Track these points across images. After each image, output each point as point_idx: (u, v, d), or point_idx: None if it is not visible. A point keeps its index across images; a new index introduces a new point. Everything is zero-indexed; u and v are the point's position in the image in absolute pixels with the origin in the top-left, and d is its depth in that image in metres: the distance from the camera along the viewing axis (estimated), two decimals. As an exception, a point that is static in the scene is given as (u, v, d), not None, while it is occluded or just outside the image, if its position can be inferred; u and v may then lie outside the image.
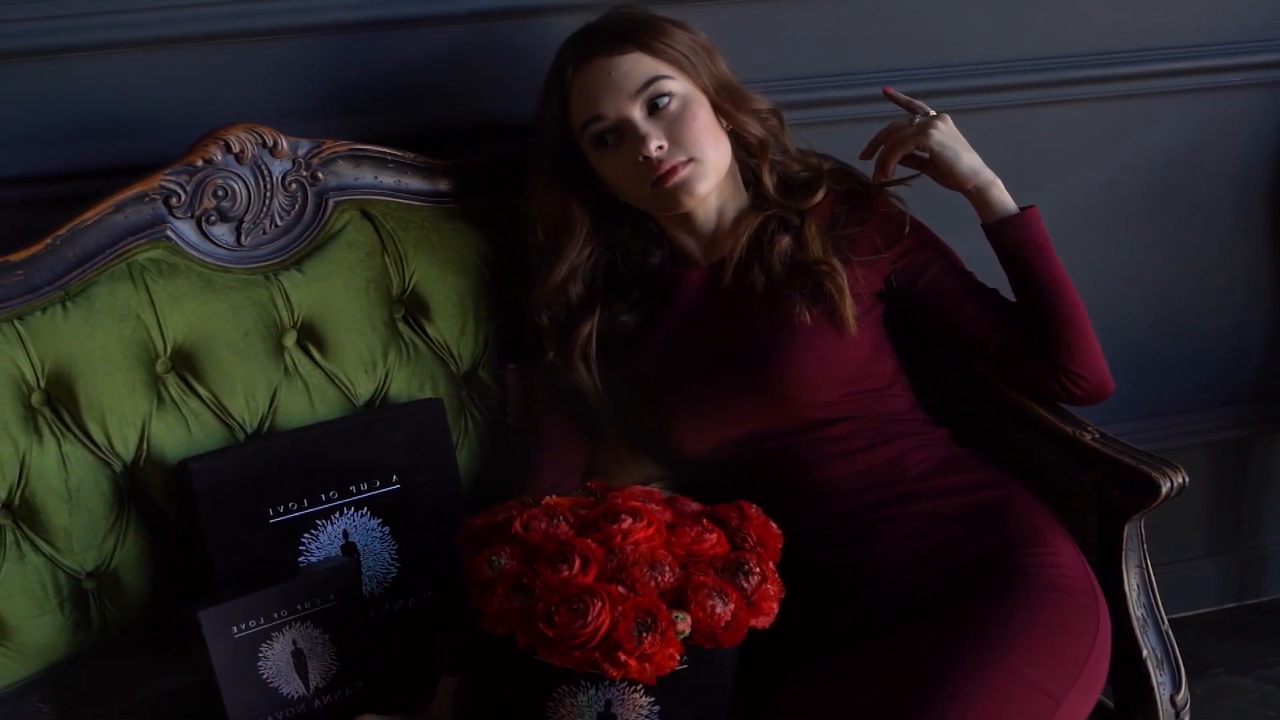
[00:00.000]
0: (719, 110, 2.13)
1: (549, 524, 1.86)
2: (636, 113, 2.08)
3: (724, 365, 2.12)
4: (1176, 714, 2.11)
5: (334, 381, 2.21)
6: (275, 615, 2.00)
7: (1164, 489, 2.02)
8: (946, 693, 1.83)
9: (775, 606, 1.86)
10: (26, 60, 2.21)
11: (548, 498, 1.93)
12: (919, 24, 2.65)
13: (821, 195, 2.17)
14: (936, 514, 2.07)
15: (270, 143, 2.17)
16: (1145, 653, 2.08)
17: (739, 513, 1.93)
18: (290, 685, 2.02)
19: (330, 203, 2.23)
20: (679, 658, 1.77)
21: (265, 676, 2.00)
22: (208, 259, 2.16)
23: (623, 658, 1.73)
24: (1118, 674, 2.06)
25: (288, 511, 2.11)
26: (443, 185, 2.31)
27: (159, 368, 2.11)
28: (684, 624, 1.77)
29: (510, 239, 2.30)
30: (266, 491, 2.09)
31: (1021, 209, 2.14)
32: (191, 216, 2.14)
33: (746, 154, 2.18)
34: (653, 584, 1.79)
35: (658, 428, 2.17)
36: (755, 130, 2.16)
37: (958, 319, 2.18)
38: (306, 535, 2.12)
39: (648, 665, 1.74)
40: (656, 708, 1.82)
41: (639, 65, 2.09)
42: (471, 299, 2.29)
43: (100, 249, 2.09)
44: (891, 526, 2.06)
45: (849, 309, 2.10)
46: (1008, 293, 2.20)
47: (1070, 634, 1.96)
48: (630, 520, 1.85)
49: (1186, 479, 2.04)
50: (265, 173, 2.17)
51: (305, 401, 2.19)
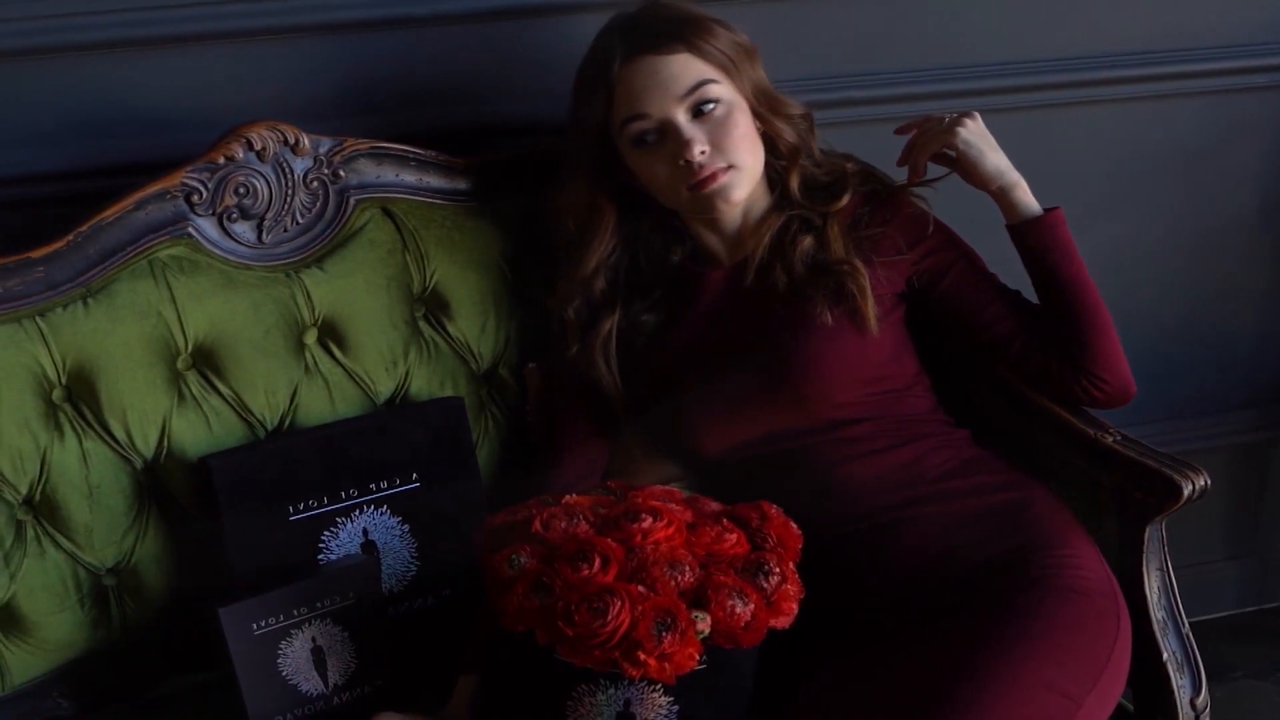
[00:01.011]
0: (756, 115, 2.13)
1: (569, 523, 1.86)
2: (681, 115, 2.07)
3: (745, 365, 2.12)
4: (1196, 717, 2.10)
5: (354, 379, 2.22)
6: (295, 613, 2.01)
7: (1186, 491, 2.01)
8: (966, 693, 1.82)
9: (795, 607, 1.86)
10: (49, 58, 2.22)
11: (568, 497, 1.93)
12: (941, 25, 2.64)
13: (846, 199, 2.17)
14: (957, 515, 2.06)
15: (292, 140, 2.17)
16: (1165, 655, 2.07)
17: (759, 513, 1.92)
18: (309, 683, 2.02)
19: (351, 201, 2.23)
20: (698, 657, 1.77)
21: (285, 674, 2.00)
22: (229, 256, 2.16)
23: (642, 657, 1.73)
24: (1138, 676, 2.05)
25: (308, 509, 2.11)
26: (464, 184, 2.31)
27: (180, 365, 2.12)
28: (704, 624, 1.77)
29: (531, 238, 2.31)
30: (287, 489, 2.10)
31: (1046, 210, 2.14)
32: (213, 214, 2.14)
33: (774, 156, 2.17)
34: (673, 583, 1.79)
35: (678, 428, 2.17)
36: (789, 136, 2.16)
37: (979, 320, 2.17)
38: (326, 533, 2.12)
39: (667, 665, 1.74)
40: (676, 707, 1.82)
41: (688, 68, 2.08)
42: (492, 297, 2.30)
43: (122, 246, 2.09)
44: (912, 527, 2.05)
45: (871, 309, 2.09)
46: (1030, 294, 2.19)
47: (1091, 636, 1.95)
48: (650, 519, 1.84)
49: (1208, 481, 2.03)
50: (287, 170, 2.17)
51: (326, 399, 2.20)
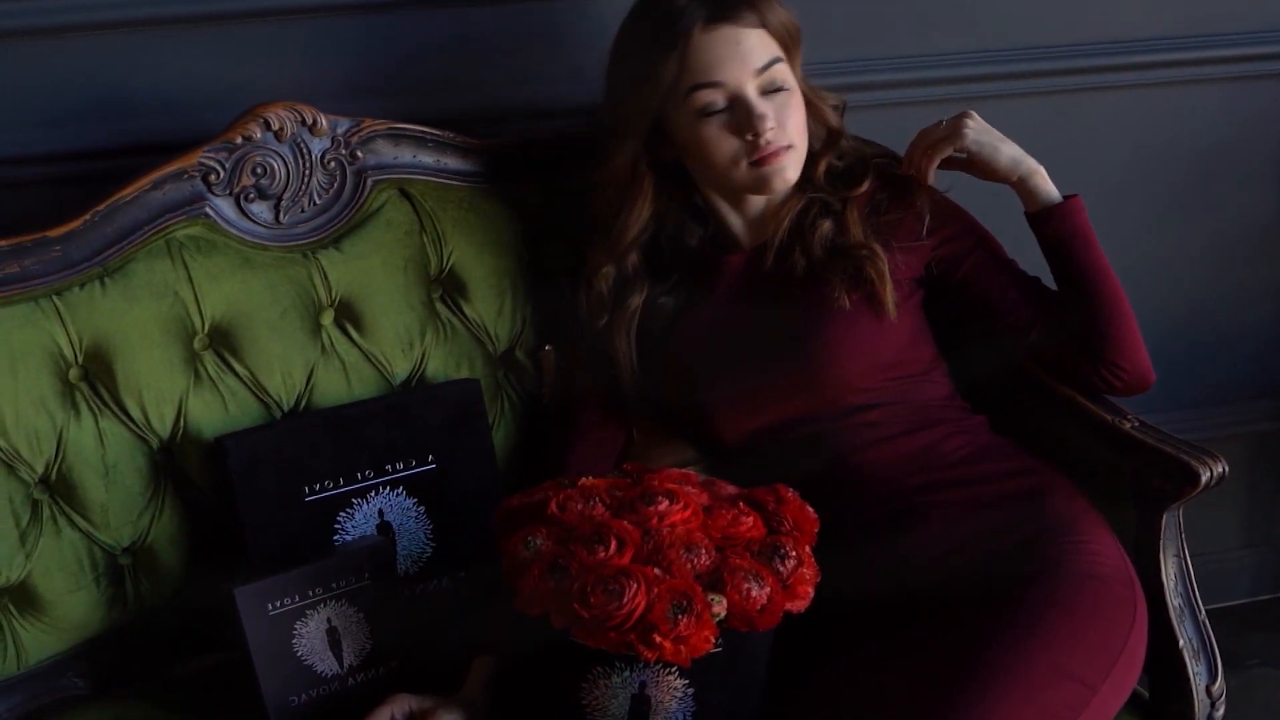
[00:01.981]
0: (804, 97, 2.13)
1: (585, 505, 1.86)
2: (752, 89, 2.05)
3: (763, 350, 2.12)
4: (1212, 704, 2.10)
5: (371, 360, 2.21)
6: (310, 593, 2.00)
7: (1204, 478, 2.00)
8: (981, 681, 1.82)
9: (811, 591, 1.85)
10: (67, 38, 2.22)
11: (584, 479, 1.92)
12: (961, 8, 2.63)
13: (867, 185, 2.16)
14: (974, 501, 2.06)
15: (310, 121, 2.17)
16: (1182, 643, 2.07)
17: (775, 496, 1.92)
18: (324, 663, 2.02)
19: (369, 181, 2.23)
20: (714, 640, 1.76)
21: (300, 654, 2.00)
22: (246, 236, 2.16)
23: (658, 639, 1.73)
24: (1154, 664, 2.04)
25: (323, 490, 2.11)
26: (481, 165, 2.31)
27: (196, 345, 2.12)
28: (719, 607, 1.76)
29: (549, 220, 2.31)
30: (302, 470, 2.10)
31: (1065, 198, 2.13)
32: (230, 194, 2.14)
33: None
34: (689, 566, 1.79)
35: (695, 412, 2.16)
36: (833, 121, 2.16)
37: (998, 307, 2.17)
38: (342, 514, 2.12)
39: (683, 647, 1.74)
40: (691, 690, 1.82)
41: (763, 43, 2.07)
42: (509, 279, 2.29)
43: (139, 225, 2.09)
44: (928, 513, 2.05)
45: (889, 294, 2.09)
46: (1049, 281, 2.18)
47: (1107, 623, 1.94)
48: (667, 502, 1.84)
49: (1226, 468, 2.03)
50: (304, 151, 2.17)
51: (342, 380, 2.20)
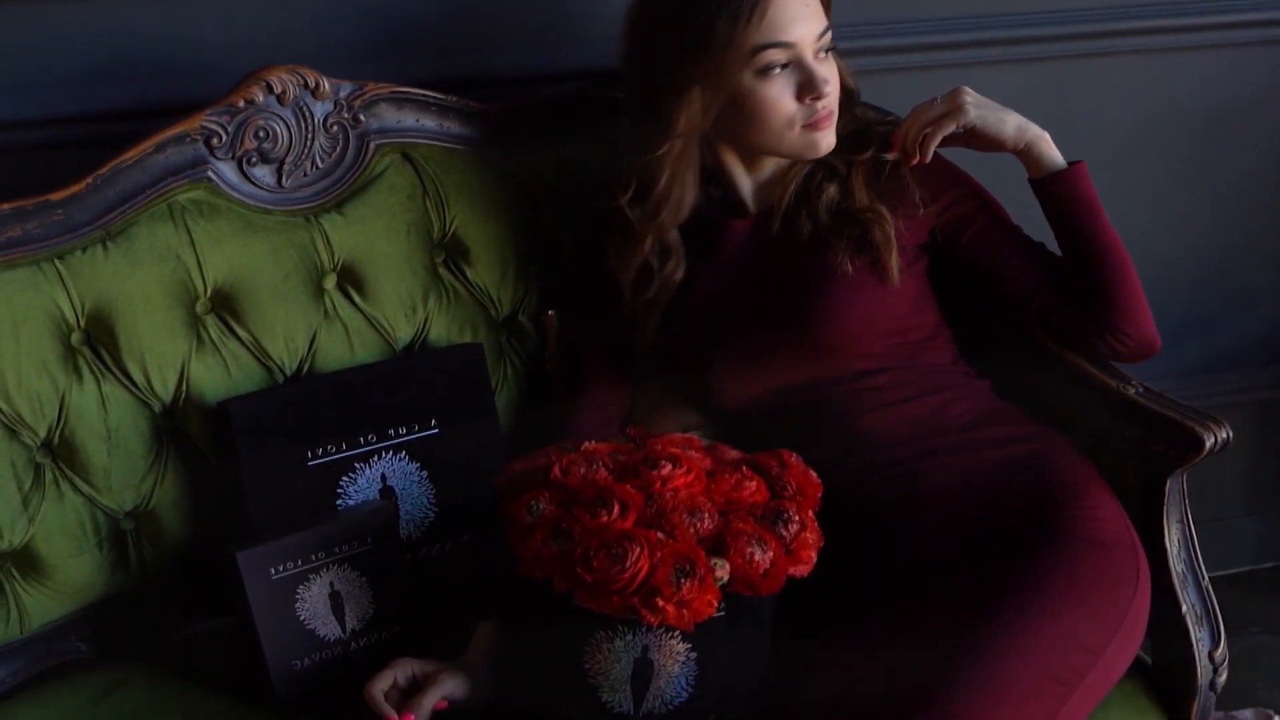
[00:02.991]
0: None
1: (588, 469, 1.86)
2: (810, 52, 2.04)
3: (767, 315, 2.11)
4: (1215, 670, 2.10)
5: (374, 325, 2.21)
6: (313, 557, 2.01)
7: (1208, 444, 2.00)
8: (985, 646, 1.82)
9: (814, 555, 1.85)
10: (69, 2, 2.21)
11: (587, 443, 1.92)
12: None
13: (872, 151, 2.15)
14: (977, 466, 2.05)
15: (312, 84, 2.16)
16: (1185, 608, 2.07)
17: (779, 461, 1.92)
18: (327, 627, 2.02)
19: (371, 145, 2.22)
20: (717, 605, 1.76)
21: (302, 618, 2.00)
22: (248, 200, 2.15)
23: (660, 603, 1.73)
24: (1156, 629, 2.05)
25: (326, 454, 2.11)
26: (485, 130, 2.30)
27: (199, 309, 2.11)
28: (722, 571, 1.76)
29: (553, 185, 2.30)
30: (305, 434, 2.10)
31: (1069, 164, 2.12)
32: (232, 157, 2.13)
33: None
34: (692, 530, 1.79)
35: (699, 377, 2.16)
36: (852, 85, 2.15)
37: (1002, 273, 2.16)
38: (345, 478, 2.12)
39: (685, 612, 1.74)
40: (694, 654, 1.82)
41: (823, 7, 2.06)
42: (512, 244, 2.29)
43: (141, 189, 2.08)
44: (932, 478, 2.05)
45: (894, 259, 2.08)
46: (1054, 246, 2.17)
47: (1110, 588, 1.95)
48: (670, 467, 1.84)
49: (1230, 434, 2.02)
50: (307, 114, 2.16)
51: (345, 344, 2.19)
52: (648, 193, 2.11)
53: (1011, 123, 2.11)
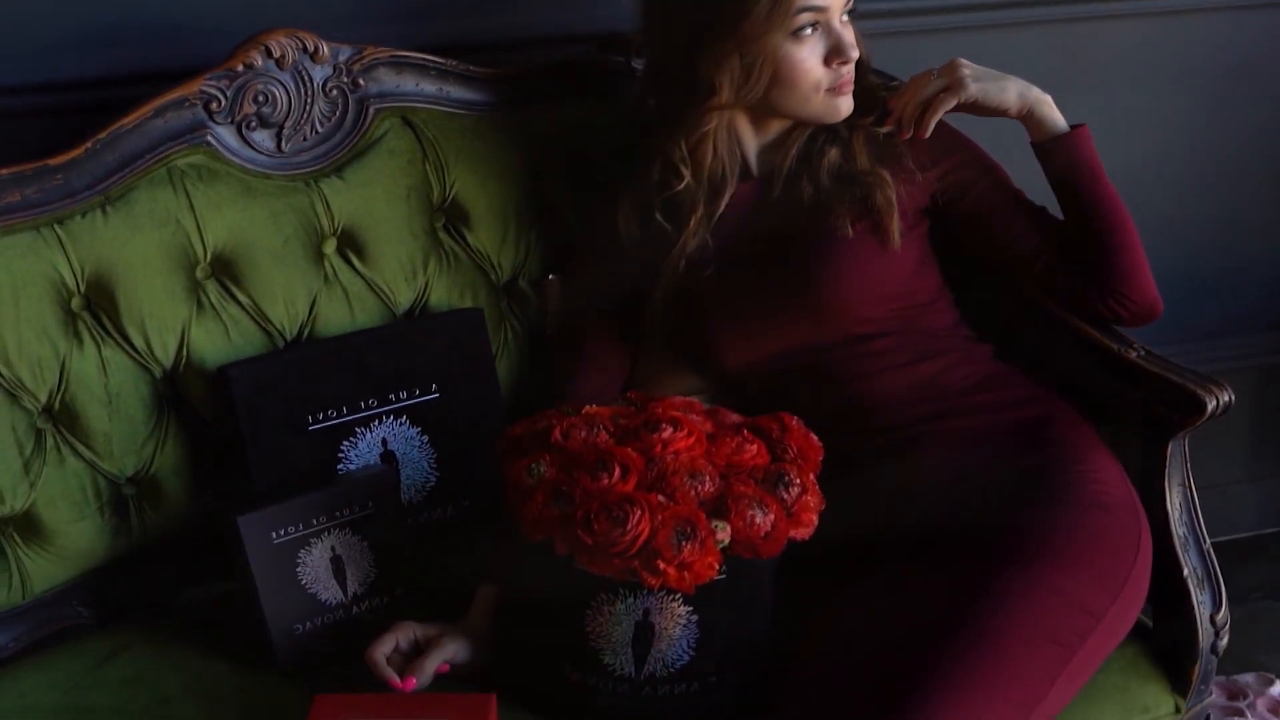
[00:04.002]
0: None
1: (589, 432, 1.86)
2: (837, 17, 2.04)
3: (768, 279, 2.11)
4: (1216, 633, 2.10)
5: (374, 290, 2.21)
6: (314, 522, 2.01)
7: (1210, 406, 2.00)
8: (986, 608, 1.83)
9: (815, 518, 1.85)
10: (65, -36, 2.21)
11: (588, 407, 1.92)
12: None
13: (876, 115, 2.15)
14: (979, 430, 2.06)
15: (311, 48, 2.15)
16: (1186, 571, 2.07)
17: (780, 424, 1.92)
18: (329, 591, 2.03)
19: (371, 110, 2.21)
20: (718, 567, 1.76)
21: (304, 582, 2.01)
22: (248, 165, 2.15)
23: (661, 566, 1.73)
24: (1158, 593, 2.05)
25: (327, 419, 2.11)
26: (485, 94, 2.29)
27: (199, 273, 2.11)
28: (724, 533, 1.76)
29: (553, 149, 2.30)
30: (306, 398, 2.10)
31: (1072, 127, 2.11)
32: (232, 122, 2.13)
33: None
34: (693, 493, 1.79)
35: (700, 341, 2.16)
36: (864, 50, 2.13)
37: (1004, 237, 2.16)
38: (345, 443, 2.12)
39: (686, 574, 1.74)
40: (695, 617, 1.82)
41: None
42: (513, 208, 2.29)
43: (140, 154, 2.07)
44: (934, 442, 2.05)
45: (895, 223, 2.07)
46: (1056, 211, 2.16)
47: (1111, 551, 1.95)
48: (671, 430, 1.84)
49: (1232, 397, 2.02)
50: (306, 79, 2.15)
51: (345, 309, 2.19)
52: (701, 169, 2.10)
53: (1013, 90, 2.10)
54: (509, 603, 1.98)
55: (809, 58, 2.03)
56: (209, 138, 2.12)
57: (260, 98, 2.12)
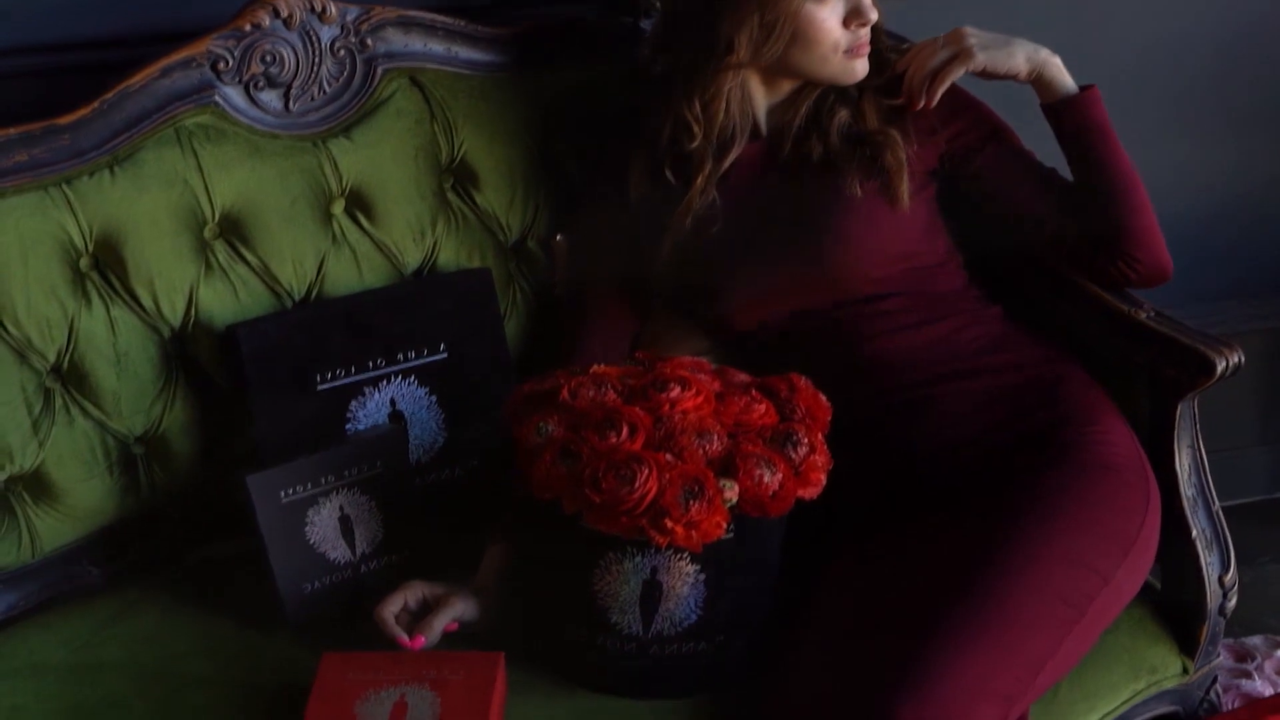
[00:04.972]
0: None
1: (597, 392, 1.86)
2: None
3: (777, 240, 2.10)
4: (1224, 595, 2.11)
5: (382, 250, 2.21)
6: (322, 481, 2.01)
7: (1219, 368, 1.99)
8: (995, 568, 1.83)
9: (823, 478, 1.85)
10: (74, -78, 2.20)
11: (596, 366, 1.92)
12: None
13: (886, 75, 2.14)
14: (988, 391, 2.05)
15: (319, 8, 2.14)
16: (1195, 533, 2.07)
17: (788, 384, 1.92)
18: (337, 551, 2.03)
19: (379, 70, 2.21)
20: (726, 526, 1.77)
21: (312, 542, 2.01)
22: (256, 125, 2.14)
23: (669, 524, 1.73)
24: (1166, 554, 2.05)
25: (335, 379, 2.11)
26: (493, 54, 2.29)
27: (207, 234, 2.11)
28: (731, 492, 1.76)
29: (561, 109, 2.29)
30: (314, 358, 2.10)
31: (1081, 89, 2.10)
32: (239, 82, 2.12)
33: None
34: (700, 452, 1.79)
35: (708, 301, 2.15)
36: (879, 13, 2.13)
37: (1014, 199, 2.15)
38: (354, 402, 2.13)
39: (694, 533, 1.74)
40: (702, 576, 1.82)
41: None
42: (521, 169, 2.29)
43: (147, 114, 2.07)
44: (943, 403, 2.04)
45: (904, 183, 2.07)
46: (1066, 172, 2.16)
47: (1120, 512, 1.95)
48: (679, 389, 1.84)
49: (1242, 358, 2.02)
50: (313, 39, 2.15)
51: (353, 269, 2.19)
52: (711, 129, 2.10)
53: (1021, 54, 2.09)
54: (517, 562, 1.98)
55: (829, 18, 2.02)
56: (216, 98, 2.11)
57: (268, 58, 2.12)
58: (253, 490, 1.97)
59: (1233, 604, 2.12)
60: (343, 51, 2.17)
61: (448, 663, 1.85)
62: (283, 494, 1.98)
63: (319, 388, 2.10)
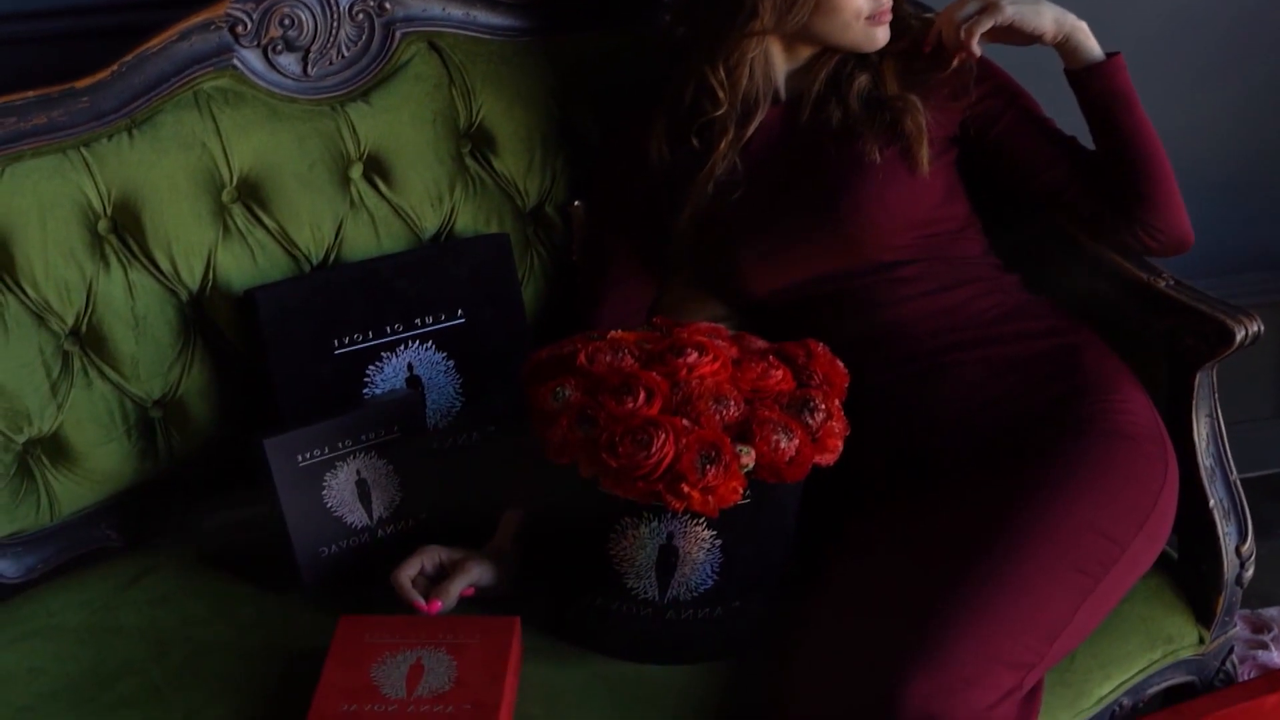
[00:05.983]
0: None
1: (614, 357, 1.85)
2: None
3: (795, 205, 2.10)
4: (1241, 565, 2.10)
5: (400, 214, 2.21)
6: (339, 445, 2.01)
7: (1238, 336, 1.99)
8: (1012, 536, 1.83)
9: (840, 444, 1.85)
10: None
11: (613, 332, 1.92)
12: None
13: (907, 42, 2.13)
14: (1006, 360, 2.05)
15: (337, -29, 2.14)
16: (1212, 503, 2.07)
17: (806, 350, 1.91)
18: (354, 515, 2.03)
19: (397, 34, 2.20)
20: (742, 492, 1.76)
21: (329, 505, 2.01)
22: (274, 89, 2.14)
23: (686, 489, 1.73)
24: (1184, 524, 2.04)
25: (353, 343, 2.11)
26: (512, 18, 2.28)
27: (225, 197, 2.11)
28: (748, 457, 1.76)
29: (579, 75, 2.29)
30: (332, 322, 2.10)
31: (1107, 55, 2.09)
32: (258, 45, 2.12)
33: None
34: (717, 418, 1.78)
35: (726, 267, 2.15)
36: None
37: (1033, 166, 2.14)
38: (371, 367, 2.13)
39: (710, 498, 1.74)
40: (718, 541, 1.82)
41: None
42: (539, 134, 2.28)
43: (166, 77, 2.07)
44: (960, 371, 2.04)
45: (924, 149, 2.06)
46: (1086, 140, 2.14)
47: (1137, 481, 1.94)
48: (696, 354, 1.83)
49: (1261, 328, 2.01)
50: (332, 2, 2.14)
51: (371, 234, 2.19)
52: (735, 94, 2.09)
53: (1049, 15, 2.08)
54: (533, 527, 1.99)
55: None
56: (235, 61, 2.11)
57: (286, 21, 2.12)
58: (270, 454, 1.97)
59: (1249, 574, 2.12)
60: (361, 15, 2.17)
61: (464, 627, 1.85)
62: (300, 458, 1.99)
63: (336, 352, 2.10)
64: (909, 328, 2.06)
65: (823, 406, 1.83)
